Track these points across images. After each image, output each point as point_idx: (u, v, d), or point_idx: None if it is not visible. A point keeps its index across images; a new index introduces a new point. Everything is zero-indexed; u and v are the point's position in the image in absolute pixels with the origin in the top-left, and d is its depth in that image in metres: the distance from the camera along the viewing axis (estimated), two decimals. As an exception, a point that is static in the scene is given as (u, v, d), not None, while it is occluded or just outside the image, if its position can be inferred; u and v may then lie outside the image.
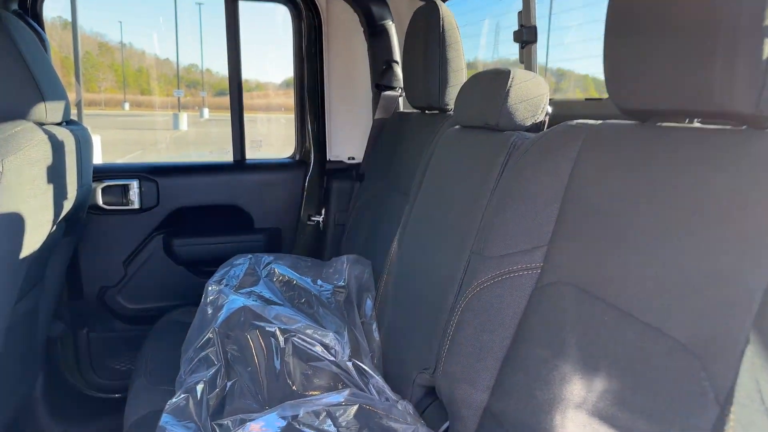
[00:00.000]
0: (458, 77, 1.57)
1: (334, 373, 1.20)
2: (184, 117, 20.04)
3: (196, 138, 18.84)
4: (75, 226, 1.68)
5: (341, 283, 1.53)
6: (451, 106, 1.60)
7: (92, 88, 24.97)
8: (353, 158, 2.23)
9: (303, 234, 2.20)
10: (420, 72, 1.61)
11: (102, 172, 1.95)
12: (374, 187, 1.91)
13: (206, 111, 24.67)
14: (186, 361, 1.31)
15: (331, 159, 2.22)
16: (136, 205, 1.98)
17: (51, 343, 1.89)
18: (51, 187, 1.33)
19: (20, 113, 1.28)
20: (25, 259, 1.25)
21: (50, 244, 1.45)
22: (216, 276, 1.57)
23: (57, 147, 1.36)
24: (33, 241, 1.26)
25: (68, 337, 1.97)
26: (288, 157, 2.28)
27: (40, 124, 1.32)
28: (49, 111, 1.35)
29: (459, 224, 1.16)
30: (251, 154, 2.21)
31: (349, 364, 1.21)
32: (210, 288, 1.47)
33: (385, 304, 1.43)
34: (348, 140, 2.22)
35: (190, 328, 1.43)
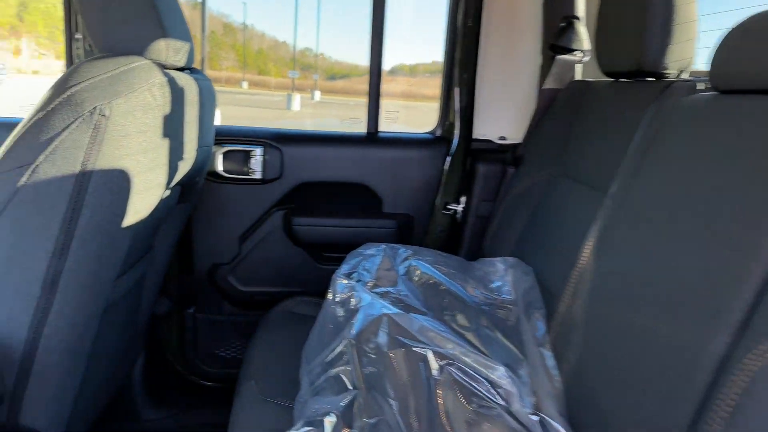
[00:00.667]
0: (687, 32, 1.15)
1: (510, 427, 0.85)
2: (297, 98, 20.55)
3: (307, 119, 19.30)
4: (191, 193, 1.46)
5: (508, 297, 1.17)
6: (673, 69, 1.18)
7: (214, 66, 26.43)
8: (504, 138, 1.84)
9: (436, 224, 1.86)
10: (628, 25, 1.20)
11: (222, 135, 1.73)
12: (538, 174, 1.52)
13: (318, 93, 25.18)
14: (309, 375, 1.02)
15: (478, 138, 1.85)
16: (258, 175, 1.74)
17: (155, 321, 1.72)
18: (167, 142, 1.09)
19: (136, 48, 1.04)
20: (131, 226, 1.02)
21: (162, 211, 1.23)
22: (345, 267, 1.28)
23: (177, 94, 1.12)
24: (141, 206, 1.03)
25: (174, 316, 1.79)
26: (427, 133, 1.95)
27: (160, 66, 1.08)
28: (171, 50, 1.11)
29: (735, 235, 0.75)
30: (385, 128, 1.92)
31: (534, 418, 0.86)
32: (339, 282, 1.18)
33: (568, 332, 1.06)
34: (499, 116, 1.84)
35: (313, 329, 1.15)
